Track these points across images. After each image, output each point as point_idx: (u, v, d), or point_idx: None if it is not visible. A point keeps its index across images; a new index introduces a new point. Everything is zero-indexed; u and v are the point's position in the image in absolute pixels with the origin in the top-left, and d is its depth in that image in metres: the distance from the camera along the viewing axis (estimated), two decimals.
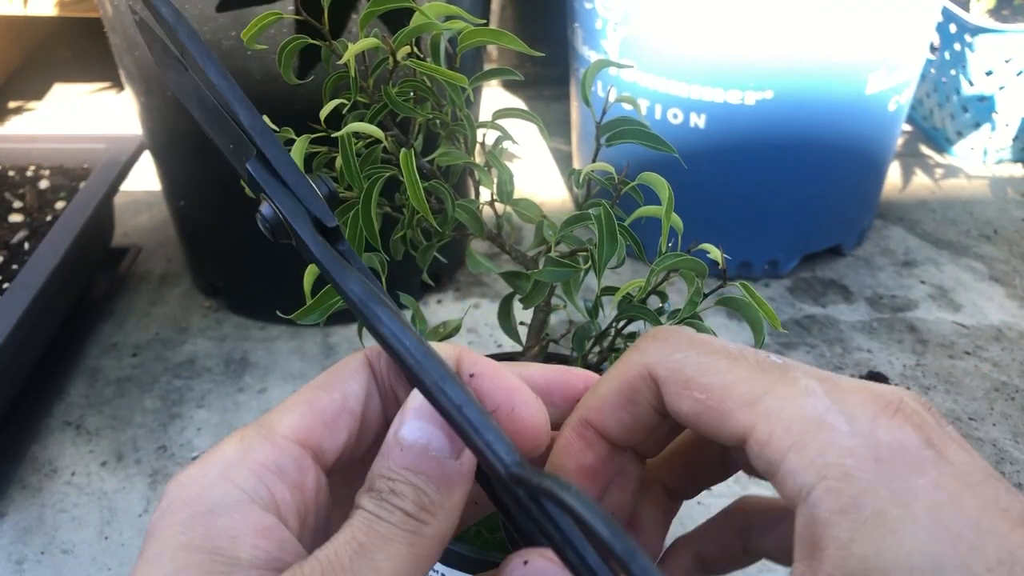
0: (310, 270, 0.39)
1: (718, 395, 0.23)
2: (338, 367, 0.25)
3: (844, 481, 0.20)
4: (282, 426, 0.23)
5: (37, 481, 0.75)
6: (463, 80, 0.38)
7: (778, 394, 0.22)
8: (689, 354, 0.24)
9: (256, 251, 0.90)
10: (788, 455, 0.21)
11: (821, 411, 0.21)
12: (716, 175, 0.95)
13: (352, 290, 0.23)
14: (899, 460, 0.20)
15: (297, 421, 0.23)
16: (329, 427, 0.23)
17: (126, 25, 0.77)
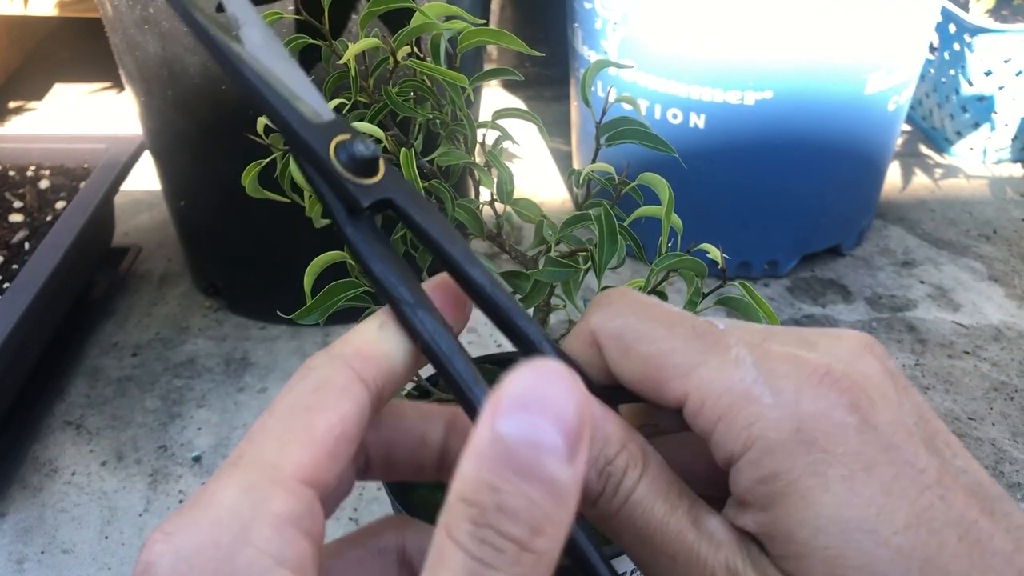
0: (310, 270, 0.40)
1: (655, 364, 0.23)
2: (321, 380, 0.22)
3: (765, 453, 0.21)
4: (289, 465, 0.20)
5: (37, 481, 0.75)
6: (463, 80, 0.38)
7: (710, 364, 0.22)
8: (629, 320, 0.24)
9: (256, 251, 0.90)
10: (717, 426, 0.22)
11: (748, 382, 0.22)
12: (716, 175, 0.95)
13: (377, 272, 0.24)
14: (820, 429, 0.21)
15: (303, 457, 0.20)
16: (332, 457, 0.21)
17: (126, 25, 0.77)
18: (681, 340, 0.23)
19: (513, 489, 0.17)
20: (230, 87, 0.77)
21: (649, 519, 0.22)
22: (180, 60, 0.76)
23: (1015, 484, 0.76)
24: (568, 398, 0.18)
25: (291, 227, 0.85)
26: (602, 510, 0.23)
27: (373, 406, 0.23)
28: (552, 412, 0.18)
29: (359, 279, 0.40)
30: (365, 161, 0.24)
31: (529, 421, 0.18)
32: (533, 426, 0.18)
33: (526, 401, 0.18)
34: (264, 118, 0.42)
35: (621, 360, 0.24)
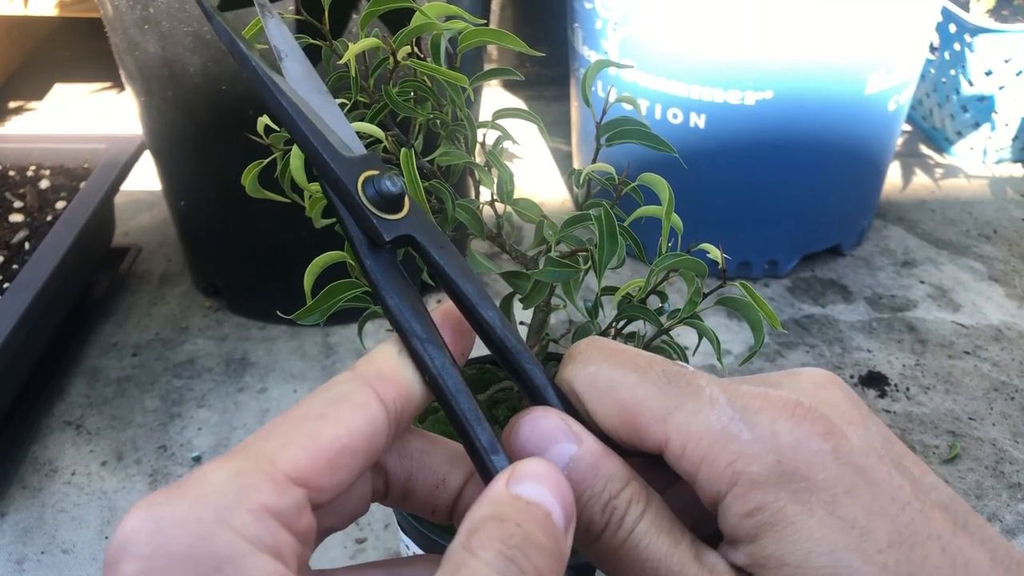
0: (310, 270, 0.40)
1: (631, 410, 0.24)
2: (339, 394, 0.23)
3: (750, 487, 0.22)
4: (284, 461, 0.20)
5: (37, 481, 0.75)
6: (463, 80, 0.38)
7: (687, 407, 0.23)
8: (601, 367, 0.25)
9: (256, 251, 0.90)
10: (701, 467, 0.23)
11: (725, 422, 0.23)
12: (716, 175, 0.95)
13: (391, 305, 0.25)
14: (799, 459, 0.22)
15: (301, 457, 0.21)
16: (332, 466, 0.21)
17: (127, 25, 0.77)
18: (654, 385, 0.24)
19: (536, 532, 0.20)
20: (230, 87, 0.77)
21: (653, 552, 0.23)
22: (180, 60, 0.76)
23: (1015, 484, 0.76)
24: (567, 488, 0.22)
25: (291, 227, 0.85)
26: (606, 543, 0.23)
27: (390, 429, 0.23)
28: (557, 493, 0.21)
29: (359, 279, 0.40)
30: (391, 198, 0.25)
31: (542, 491, 0.21)
32: (545, 496, 0.21)
33: (538, 477, 0.21)
34: (265, 119, 0.42)
35: (599, 408, 0.25)
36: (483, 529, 0.20)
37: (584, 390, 0.25)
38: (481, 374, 0.54)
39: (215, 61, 0.75)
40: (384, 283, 0.25)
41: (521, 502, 0.21)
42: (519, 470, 0.21)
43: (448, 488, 0.26)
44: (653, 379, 0.24)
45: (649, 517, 0.23)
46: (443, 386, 0.24)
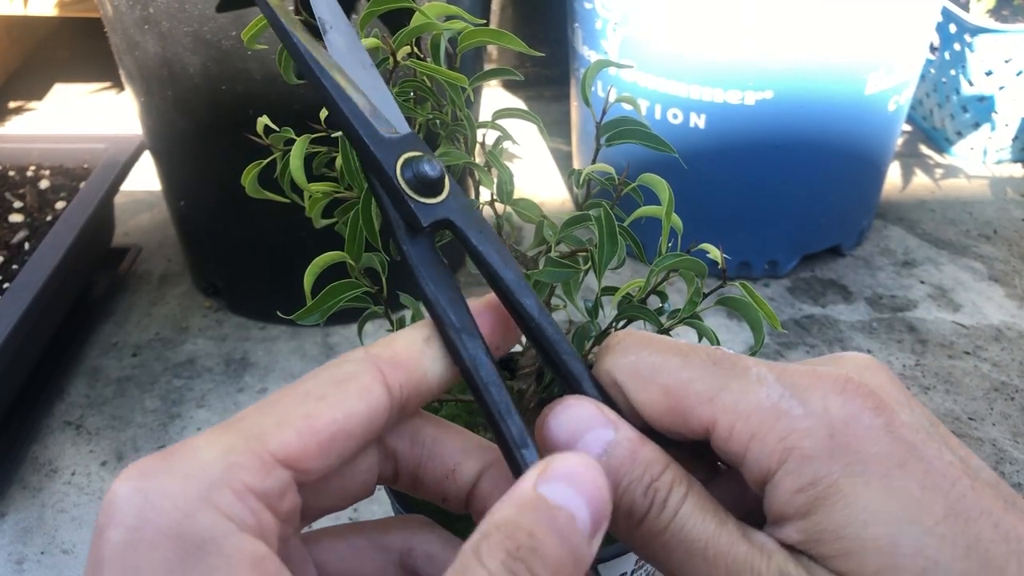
0: (310, 270, 0.40)
1: (676, 393, 0.24)
2: (346, 375, 0.22)
3: (803, 462, 0.22)
4: (275, 442, 0.20)
5: (37, 481, 0.75)
6: (463, 80, 0.38)
7: (733, 388, 0.23)
8: (642, 355, 0.25)
9: (256, 251, 0.90)
10: (750, 445, 0.22)
11: (775, 398, 0.22)
12: (716, 175, 0.95)
13: (429, 293, 0.25)
14: (852, 433, 0.22)
15: (292, 440, 0.21)
16: (323, 450, 0.21)
17: (126, 25, 0.77)
18: (699, 368, 0.24)
19: (549, 541, 0.19)
20: (230, 87, 0.77)
21: (700, 533, 0.23)
22: (180, 60, 0.76)
23: (1015, 484, 0.75)
24: (602, 487, 0.21)
25: (291, 227, 0.85)
26: (650, 526, 0.23)
27: (391, 414, 0.23)
28: (588, 494, 0.20)
29: (359, 279, 0.40)
30: (430, 181, 0.25)
31: (569, 493, 0.20)
32: (571, 499, 0.20)
33: (570, 477, 0.20)
34: (265, 119, 0.42)
35: (641, 395, 0.24)
36: (494, 535, 0.19)
37: (626, 378, 0.24)
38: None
39: (215, 61, 0.75)
40: (423, 270, 0.25)
41: (543, 504, 0.20)
42: (551, 468, 0.21)
43: (459, 479, 0.26)
44: (697, 362, 0.24)
45: (693, 498, 0.23)
46: (476, 377, 0.24)
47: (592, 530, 0.20)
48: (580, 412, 0.24)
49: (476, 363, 0.24)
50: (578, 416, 0.24)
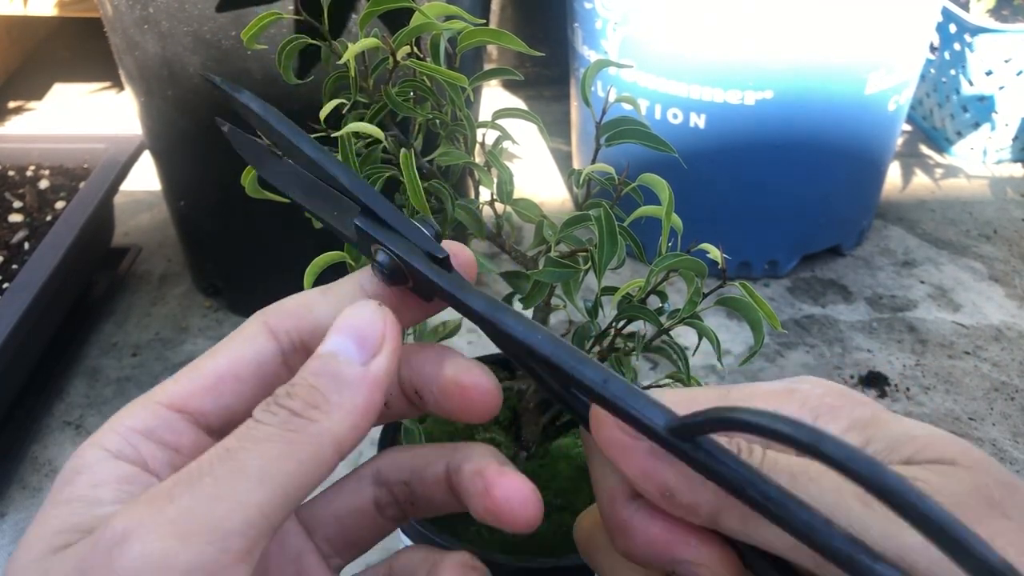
0: (310, 270, 0.40)
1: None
2: (234, 333, 0.26)
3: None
4: (160, 394, 0.24)
5: (37, 481, 0.75)
6: (463, 80, 0.38)
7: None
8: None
9: (256, 251, 0.90)
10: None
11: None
12: (716, 175, 0.95)
13: (476, 305, 0.25)
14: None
15: (176, 388, 0.24)
16: (211, 391, 0.24)
17: (126, 25, 0.77)
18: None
19: (302, 381, 0.23)
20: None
21: None
22: (180, 60, 0.76)
23: None
24: (373, 322, 0.24)
25: (291, 227, 0.85)
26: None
27: (289, 353, 0.26)
28: (356, 333, 0.23)
29: None
30: (392, 271, 0.26)
31: (337, 339, 0.23)
32: (339, 342, 0.23)
33: (341, 324, 0.24)
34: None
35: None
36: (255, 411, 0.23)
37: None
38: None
39: (215, 61, 0.75)
40: (460, 291, 0.25)
41: (317, 359, 0.23)
42: (335, 326, 0.24)
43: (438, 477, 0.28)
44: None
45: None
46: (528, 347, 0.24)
47: (364, 354, 0.23)
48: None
49: (524, 333, 0.24)
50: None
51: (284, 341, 0.26)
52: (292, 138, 0.26)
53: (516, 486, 0.25)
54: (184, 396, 0.24)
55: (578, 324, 0.47)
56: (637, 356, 0.43)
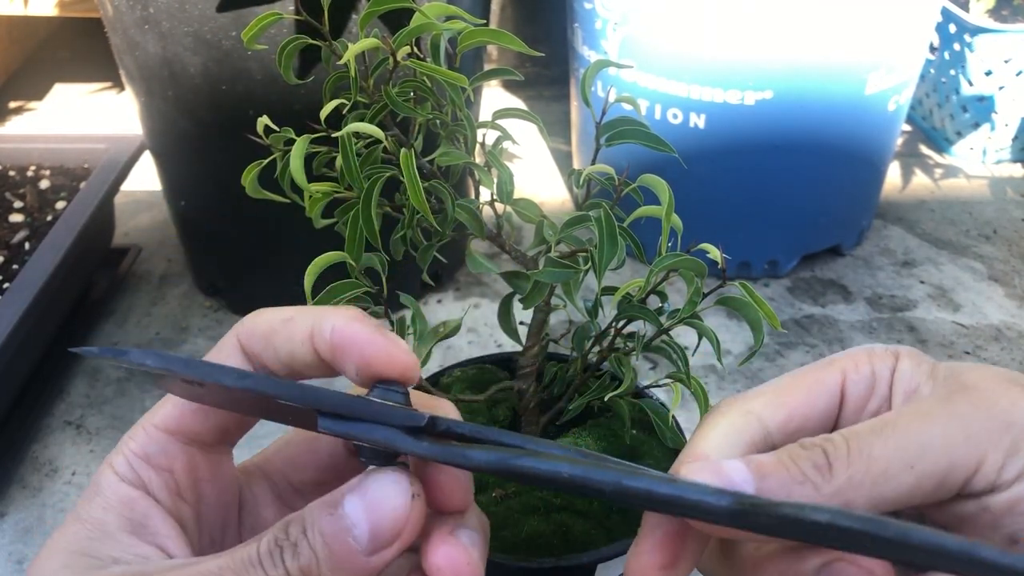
0: (310, 270, 0.40)
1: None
2: (214, 350, 0.27)
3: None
4: (155, 417, 0.27)
5: (37, 481, 0.75)
6: (463, 80, 0.38)
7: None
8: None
9: (256, 251, 0.90)
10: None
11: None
12: (716, 175, 0.95)
13: (483, 462, 0.24)
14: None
15: (168, 411, 0.27)
16: (199, 413, 0.27)
17: (127, 25, 0.77)
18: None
19: (311, 539, 0.23)
20: (230, 87, 0.77)
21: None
22: (180, 60, 0.76)
23: None
24: (396, 519, 0.24)
25: (291, 227, 0.85)
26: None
27: (255, 367, 0.27)
28: (374, 520, 0.23)
29: (359, 279, 0.40)
30: (384, 460, 0.25)
31: (360, 509, 0.24)
32: (359, 518, 0.23)
33: (369, 499, 0.24)
34: (265, 119, 0.42)
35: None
36: (283, 523, 0.24)
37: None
38: (481, 374, 0.54)
39: (215, 61, 0.75)
40: (460, 456, 0.24)
41: (335, 509, 0.24)
42: (364, 484, 0.24)
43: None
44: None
45: None
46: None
47: (370, 548, 0.23)
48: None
49: (549, 470, 0.24)
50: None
51: (255, 364, 0.27)
52: (211, 377, 0.25)
53: (453, 555, 0.25)
54: (176, 419, 0.27)
55: (578, 324, 0.47)
56: (637, 356, 0.44)
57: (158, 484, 0.27)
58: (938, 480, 0.23)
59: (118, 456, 0.27)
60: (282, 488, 0.30)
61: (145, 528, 0.26)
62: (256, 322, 0.27)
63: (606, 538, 0.44)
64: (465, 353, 0.89)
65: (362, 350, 0.25)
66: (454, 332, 0.46)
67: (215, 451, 0.28)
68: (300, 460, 0.30)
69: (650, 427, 0.50)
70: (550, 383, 0.50)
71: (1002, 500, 0.23)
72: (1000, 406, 0.23)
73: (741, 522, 0.22)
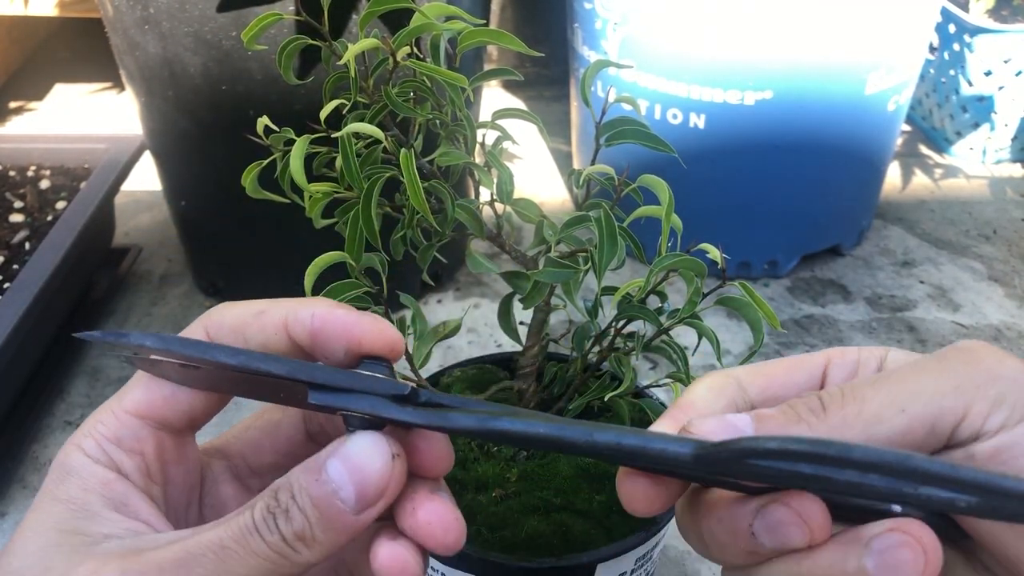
0: (311, 270, 0.40)
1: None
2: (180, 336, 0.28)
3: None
4: (125, 401, 0.28)
5: (38, 481, 0.75)
6: (463, 80, 0.38)
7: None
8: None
9: (256, 251, 0.90)
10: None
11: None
12: (715, 175, 0.95)
13: (464, 425, 0.26)
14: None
15: (139, 396, 0.28)
16: (168, 399, 0.28)
17: (127, 25, 0.77)
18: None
19: (301, 504, 0.25)
20: (231, 87, 0.77)
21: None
22: (181, 60, 0.76)
23: None
24: (380, 479, 0.25)
25: (291, 227, 0.85)
26: None
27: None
28: (359, 481, 0.25)
29: (359, 279, 0.40)
30: (368, 427, 0.26)
31: (344, 476, 0.25)
32: (344, 480, 0.25)
33: (352, 462, 0.25)
34: (265, 119, 0.42)
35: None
36: (271, 491, 0.25)
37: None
38: (481, 374, 0.54)
39: (215, 61, 0.75)
40: (444, 419, 0.26)
41: (320, 474, 0.25)
42: (345, 447, 0.25)
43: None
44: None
45: None
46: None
47: (357, 507, 0.25)
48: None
49: (525, 428, 0.25)
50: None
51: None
52: (207, 354, 0.26)
53: (440, 511, 0.27)
54: (145, 404, 0.27)
55: (578, 324, 0.47)
56: (637, 356, 0.44)
57: (131, 466, 0.27)
58: (928, 425, 0.24)
59: (87, 439, 0.27)
60: (240, 469, 0.32)
61: (127, 507, 0.26)
62: (224, 314, 0.28)
63: (606, 538, 0.44)
64: (465, 353, 0.89)
65: (349, 330, 0.27)
66: (454, 332, 0.46)
67: (182, 435, 0.29)
68: (260, 444, 0.32)
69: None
70: (550, 383, 0.50)
71: (986, 448, 0.24)
72: (987, 363, 0.25)
73: (704, 467, 0.23)
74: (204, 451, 0.31)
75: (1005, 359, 0.25)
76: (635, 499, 0.26)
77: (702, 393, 0.28)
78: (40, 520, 0.25)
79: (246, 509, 0.25)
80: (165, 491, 0.28)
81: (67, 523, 0.25)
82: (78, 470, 0.26)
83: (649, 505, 0.26)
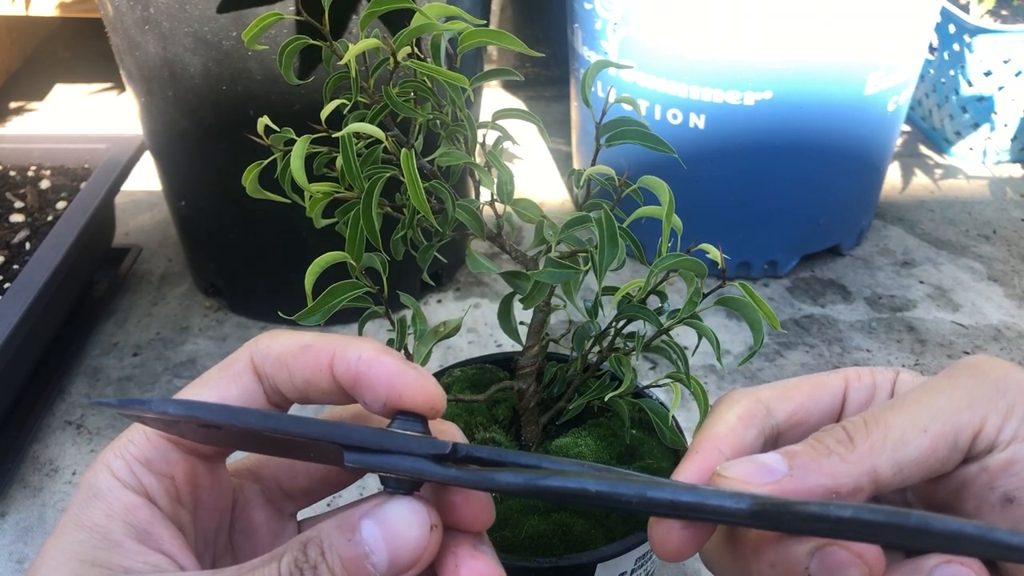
0: (311, 271, 0.40)
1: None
2: (226, 364, 0.28)
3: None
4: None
5: (38, 481, 0.75)
6: (463, 81, 0.38)
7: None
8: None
9: (256, 251, 0.90)
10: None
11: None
12: (715, 175, 0.95)
13: (512, 484, 0.25)
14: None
15: None
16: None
17: (127, 26, 0.77)
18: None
19: (332, 566, 0.24)
20: (231, 88, 0.77)
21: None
22: (181, 60, 0.76)
23: None
24: (416, 549, 0.24)
25: (291, 227, 0.85)
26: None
27: (274, 394, 0.28)
28: (393, 548, 0.24)
29: (360, 279, 0.40)
30: (409, 489, 0.25)
31: (378, 536, 0.24)
32: (378, 545, 0.24)
33: (389, 528, 0.24)
34: (265, 119, 0.42)
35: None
36: (304, 541, 0.24)
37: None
38: (481, 374, 0.54)
39: (216, 61, 0.75)
40: (488, 480, 0.25)
41: (352, 533, 0.24)
42: (383, 508, 0.25)
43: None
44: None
45: None
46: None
47: (389, 573, 0.24)
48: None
49: (575, 487, 0.24)
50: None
51: (266, 385, 0.28)
52: (236, 420, 0.25)
53: (483, 571, 0.26)
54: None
55: (578, 324, 0.48)
56: (637, 356, 0.44)
57: (159, 490, 0.27)
58: (951, 441, 0.25)
59: (117, 460, 0.26)
60: (273, 492, 0.31)
61: (150, 535, 0.26)
62: (271, 345, 0.28)
63: (606, 538, 0.44)
64: (465, 353, 0.89)
65: (392, 381, 0.26)
66: (454, 332, 0.46)
67: (213, 460, 0.28)
68: (294, 468, 0.31)
69: (650, 427, 0.50)
70: (550, 383, 0.50)
71: (999, 460, 0.25)
72: (994, 375, 0.26)
73: (762, 522, 0.23)
74: (236, 472, 0.31)
75: (1011, 370, 0.26)
76: (668, 544, 0.26)
77: (732, 423, 0.27)
78: (61, 548, 0.25)
79: (272, 560, 0.24)
80: (195, 515, 0.28)
81: (88, 553, 0.25)
82: (104, 493, 0.26)
83: (682, 550, 0.26)
